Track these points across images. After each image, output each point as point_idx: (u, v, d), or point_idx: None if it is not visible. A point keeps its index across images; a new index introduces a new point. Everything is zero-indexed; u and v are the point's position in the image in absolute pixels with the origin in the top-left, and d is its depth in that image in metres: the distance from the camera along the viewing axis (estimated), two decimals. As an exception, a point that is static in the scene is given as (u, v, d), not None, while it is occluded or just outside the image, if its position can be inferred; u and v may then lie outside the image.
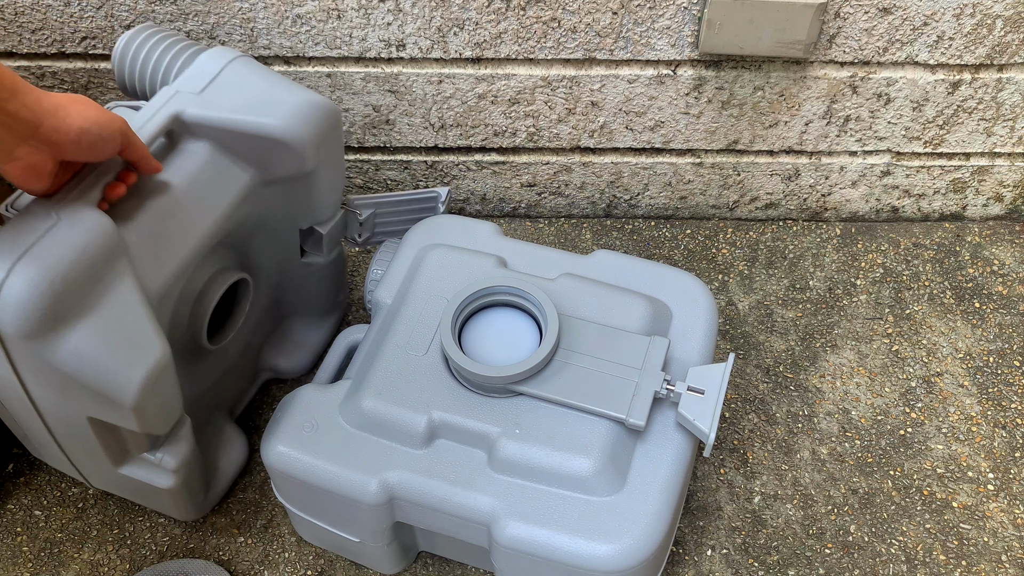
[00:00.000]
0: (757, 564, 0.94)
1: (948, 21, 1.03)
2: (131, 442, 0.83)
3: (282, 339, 1.05)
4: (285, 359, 1.04)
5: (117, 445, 0.83)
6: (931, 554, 0.94)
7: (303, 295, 1.03)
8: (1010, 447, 1.02)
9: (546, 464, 0.78)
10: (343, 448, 0.80)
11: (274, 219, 0.91)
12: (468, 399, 0.81)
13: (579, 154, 1.17)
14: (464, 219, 0.97)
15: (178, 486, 0.85)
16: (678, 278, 0.92)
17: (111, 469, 0.85)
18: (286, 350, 1.04)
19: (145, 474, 0.85)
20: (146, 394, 0.73)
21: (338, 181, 0.92)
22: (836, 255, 1.21)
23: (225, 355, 0.96)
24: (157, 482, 0.85)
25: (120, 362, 0.71)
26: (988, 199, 1.24)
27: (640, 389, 0.80)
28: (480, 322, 0.85)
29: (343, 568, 0.93)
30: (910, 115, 1.13)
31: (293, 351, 1.05)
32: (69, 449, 0.84)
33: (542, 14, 1.02)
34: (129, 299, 0.72)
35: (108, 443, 0.81)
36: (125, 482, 0.87)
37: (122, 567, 0.93)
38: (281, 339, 1.05)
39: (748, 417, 1.04)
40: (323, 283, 1.02)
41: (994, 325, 1.13)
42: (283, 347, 1.05)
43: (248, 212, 0.86)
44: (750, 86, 1.09)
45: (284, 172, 0.86)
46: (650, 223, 1.24)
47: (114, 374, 0.71)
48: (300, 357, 1.05)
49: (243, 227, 0.88)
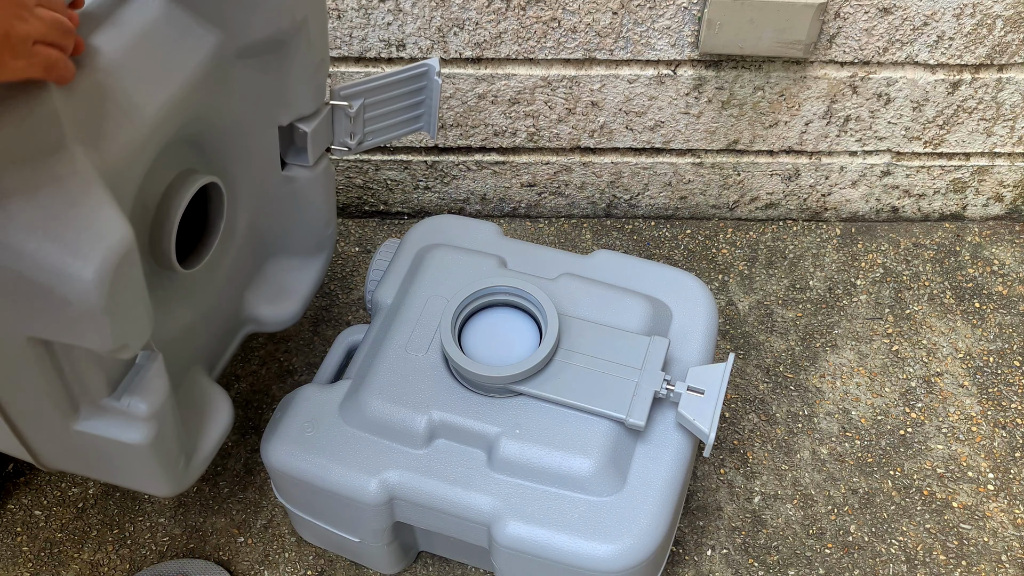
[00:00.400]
0: (757, 564, 0.94)
1: (948, 21, 1.03)
2: (87, 378, 0.65)
3: (263, 283, 0.90)
4: (268, 306, 0.90)
5: (68, 386, 0.65)
6: (931, 554, 0.94)
7: (286, 222, 0.88)
8: (1010, 447, 1.02)
9: (546, 464, 0.78)
10: (343, 448, 0.80)
11: (248, 110, 0.76)
12: (468, 399, 0.81)
13: (579, 154, 1.17)
14: (464, 219, 0.97)
15: (152, 441, 0.68)
16: (678, 278, 0.92)
17: (64, 427, 0.68)
18: (268, 296, 0.90)
19: (108, 427, 0.67)
20: (109, 284, 0.55)
21: (322, 57, 0.78)
22: (836, 255, 1.21)
23: (200, 292, 0.80)
24: (125, 436, 0.67)
25: (73, 243, 0.55)
26: (988, 199, 1.24)
27: (640, 389, 0.80)
28: (480, 322, 0.85)
29: (343, 568, 0.93)
30: (910, 115, 1.13)
31: (276, 297, 0.90)
32: (7, 404, 0.67)
33: (542, 14, 1.02)
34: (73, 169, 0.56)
35: (56, 382, 0.64)
36: (84, 447, 0.69)
37: (122, 567, 0.93)
38: (262, 283, 0.90)
39: (748, 417, 1.04)
40: (309, 206, 0.87)
41: (994, 325, 1.13)
42: (265, 292, 0.90)
43: (215, 95, 0.71)
44: (750, 86, 1.09)
45: (258, 33, 0.71)
46: (650, 223, 1.24)
47: (68, 257, 0.54)
48: (285, 304, 0.90)
49: (210, 118, 0.73)
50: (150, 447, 0.68)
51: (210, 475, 0.99)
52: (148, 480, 0.73)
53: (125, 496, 0.97)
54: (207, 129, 0.73)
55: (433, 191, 1.21)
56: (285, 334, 1.10)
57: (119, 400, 0.67)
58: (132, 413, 0.67)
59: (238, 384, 1.06)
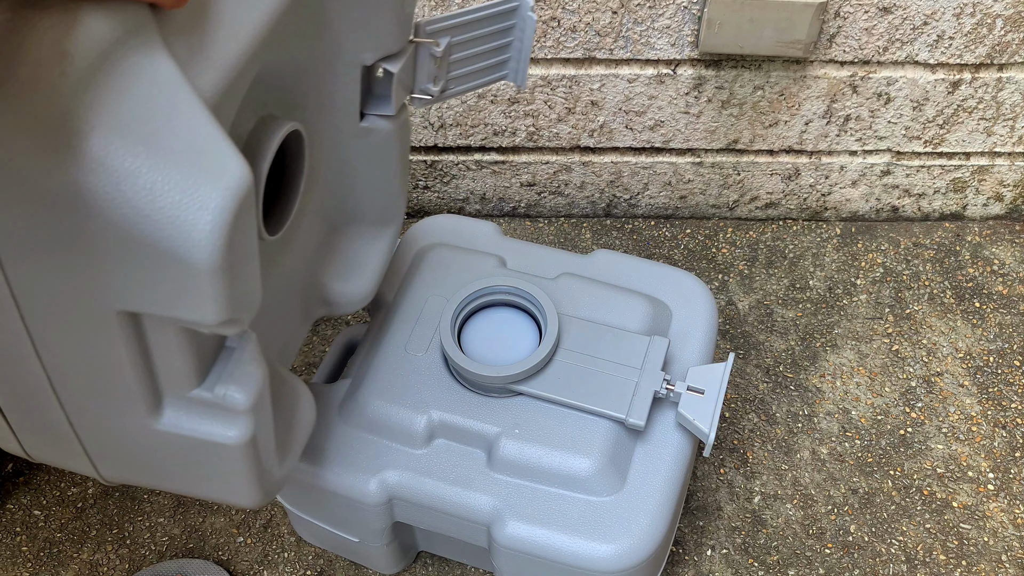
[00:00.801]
0: (757, 564, 0.94)
1: (948, 20, 1.03)
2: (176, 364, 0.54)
3: (333, 257, 0.80)
4: (340, 283, 0.79)
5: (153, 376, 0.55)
6: (931, 554, 0.94)
7: (360, 183, 0.78)
8: (1010, 447, 1.02)
9: (546, 464, 0.77)
10: (342, 448, 0.80)
11: (331, 46, 0.67)
12: (468, 399, 0.81)
13: (579, 153, 1.17)
14: (464, 219, 0.97)
15: (250, 439, 0.58)
16: (678, 278, 0.92)
17: (142, 429, 0.57)
18: (339, 271, 0.80)
19: (199, 424, 0.57)
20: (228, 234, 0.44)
21: None
22: (836, 255, 1.21)
23: (275, 265, 0.71)
24: (219, 434, 0.57)
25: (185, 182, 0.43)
26: (988, 199, 1.24)
27: (640, 389, 0.80)
28: (480, 322, 0.85)
29: (343, 568, 0.93)
30: (910, 115, 1.13)
31: (348, 272, 0.80)
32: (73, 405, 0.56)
33: (542, 13, 1.01)
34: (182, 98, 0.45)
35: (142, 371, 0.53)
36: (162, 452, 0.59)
37: (121, 567, 0.93)
38: (332, 257, 0.80)
39: (748, 417, 1.04)
40: (386, 164, 0.78)
41: (994, 325, 1.13)
42: (335, 268, 0.80)
43: (304, 24, 0.62)
44: (750, 85, 1.09)
45: None
46: (650, 223, 1.24)
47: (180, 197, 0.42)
48: (357, 281, 0.80)
49: (295, 54, 0.64)
50: (247, 446, 0.58)
51: (209, 475, 0.99)
52: (236, 488, 0.62)
53: (124, 496, 0.97)
54: (290, 67, 0.63)
55: (432, 191, 1.21)
56: (284, 334, 1.10)
57: (212, 391, 0.55)
58: (228, 405, 0.56)
59: (237, 384, 1.06)
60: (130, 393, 0.54)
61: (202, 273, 0.44)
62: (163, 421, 0.57)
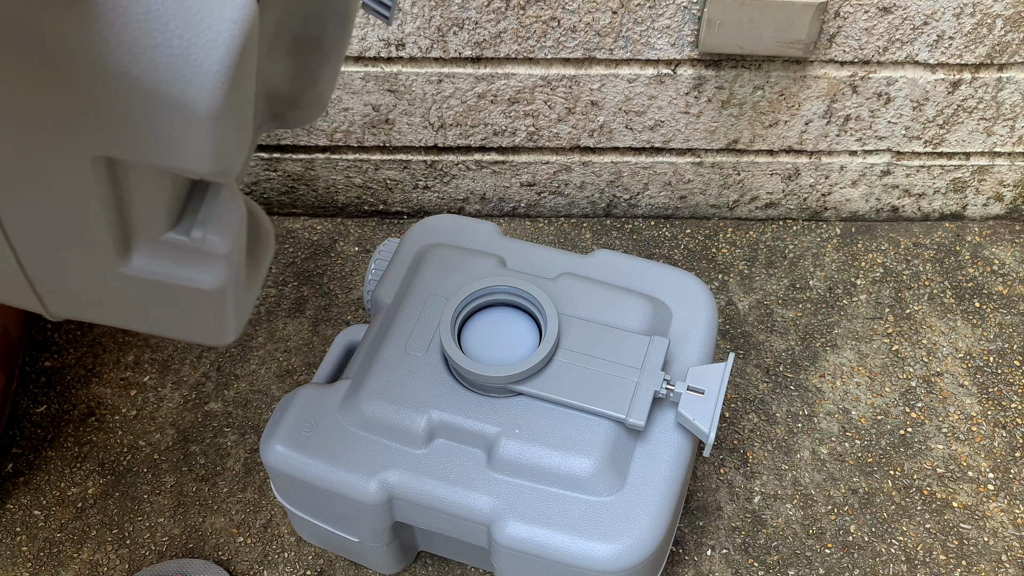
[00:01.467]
0: (757, 564, 0.93)
1: (948, 20, 1.03)
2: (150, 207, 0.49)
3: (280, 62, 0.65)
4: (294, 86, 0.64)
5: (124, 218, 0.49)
6: (931, 554, 0.94)
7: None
8: (1010, 447, 1.02)
9: (546, 464, 0.77)
10: (342, 448, 0.80)
11: None
12: (467, 399, 0.81)
13: (579, 153, 1.17)
14: (464, 219, 0.97)
15: (228, 283, 0.53)
16: (678, 278, 0.91)
17: (108, 267, 0.51)
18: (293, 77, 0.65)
19: (172, 269, 0.51)
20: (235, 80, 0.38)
21: None
22: (836, 255, 1.21)
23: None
24: (195, 279, 0.52)
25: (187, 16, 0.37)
26: (988, 199, 1.24)
27: (640, 389, 0.80)
28: (480, 322, 0.85)
29: (343, 568, 0.93)
30: (910, 114, 1.13)
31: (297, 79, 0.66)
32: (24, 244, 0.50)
33: (542, 13, 1.01)
34: None
35: (113, 212, 0.48)
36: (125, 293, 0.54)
37: (121, 567, 0.93)
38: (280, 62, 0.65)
39: (748, 417, 1.04)
40: None
41: (994, 325, 1.13)
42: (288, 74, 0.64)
43: None
44: (750, 85, 1.09)
45: None
46: (650, 223, 1.24)
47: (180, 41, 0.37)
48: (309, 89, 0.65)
49: None
50: (224, 291, 0.52)
51: (209, 475, 0.99)
52: (207, 329, 0.57)
53: (124, 496, 0.97)
54: None
55: (432, 191, 1.21)
56: (284, 334, 1.10)
57: (188, 235, 0.50)
58: (206, 250, 0.50)
59: (237, 384, 1.06)
60: (96, 236, 0.48)
61: (202, 119, 0.38)
62: (131, 265, 0.51)
